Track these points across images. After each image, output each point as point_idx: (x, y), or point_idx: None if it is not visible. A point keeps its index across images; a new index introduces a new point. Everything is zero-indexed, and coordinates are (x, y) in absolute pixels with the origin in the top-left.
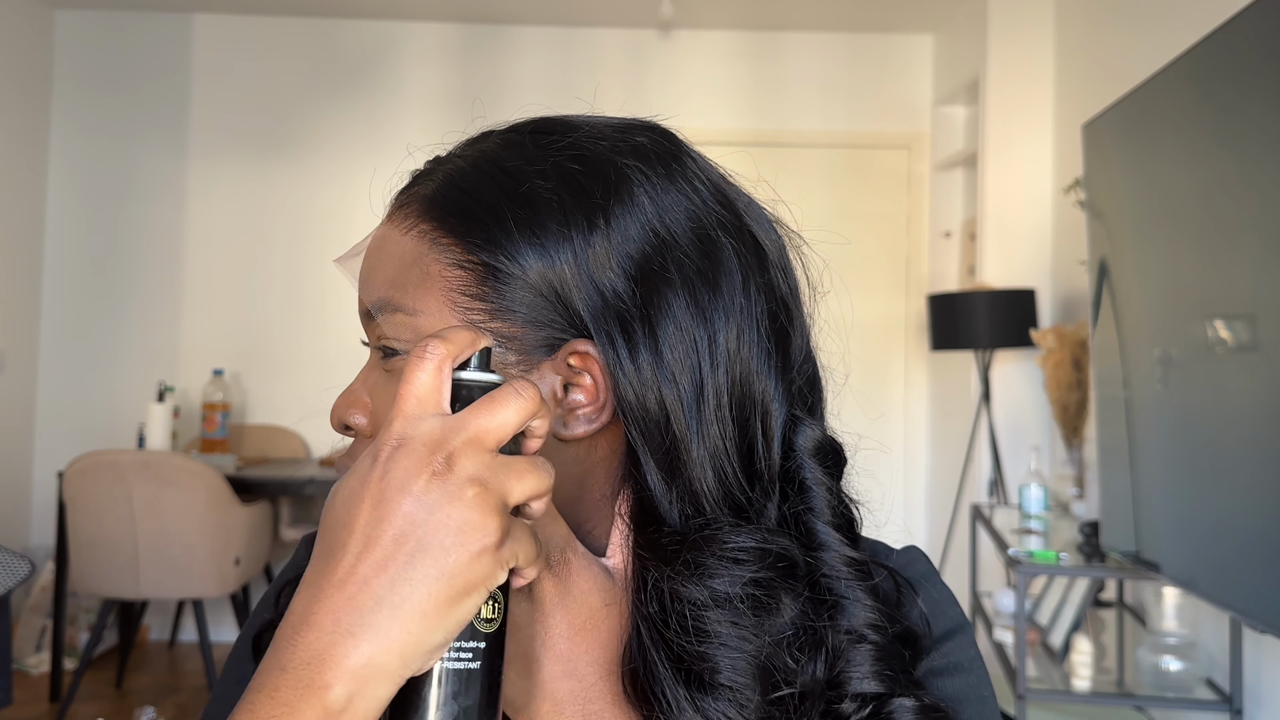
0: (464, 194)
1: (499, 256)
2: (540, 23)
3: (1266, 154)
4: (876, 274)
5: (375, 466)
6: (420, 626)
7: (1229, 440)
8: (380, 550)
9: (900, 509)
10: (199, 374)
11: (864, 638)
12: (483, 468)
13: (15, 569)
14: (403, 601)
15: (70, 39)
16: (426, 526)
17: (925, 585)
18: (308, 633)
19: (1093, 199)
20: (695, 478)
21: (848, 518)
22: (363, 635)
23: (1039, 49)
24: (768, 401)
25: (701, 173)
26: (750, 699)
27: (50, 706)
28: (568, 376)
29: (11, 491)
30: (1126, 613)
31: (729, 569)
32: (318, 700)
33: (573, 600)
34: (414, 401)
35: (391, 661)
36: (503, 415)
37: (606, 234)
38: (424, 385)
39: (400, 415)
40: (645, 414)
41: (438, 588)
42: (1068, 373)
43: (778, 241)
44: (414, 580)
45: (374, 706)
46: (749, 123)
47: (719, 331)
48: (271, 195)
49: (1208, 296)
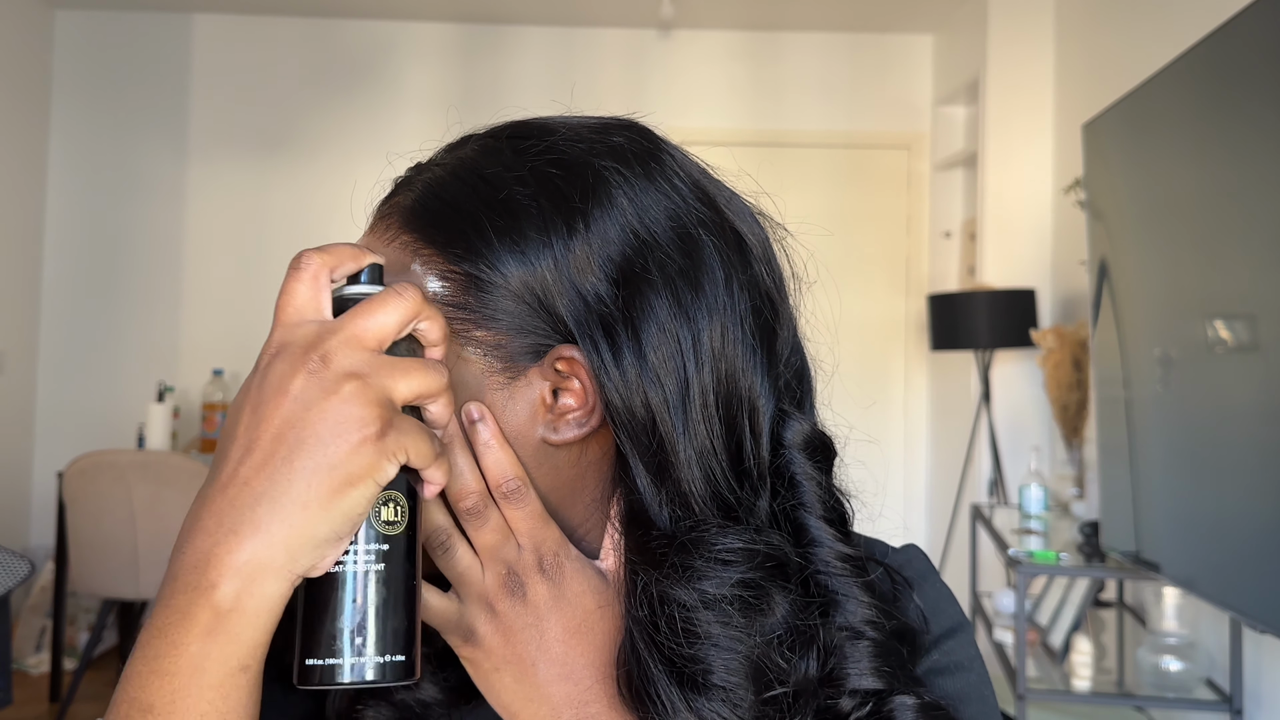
0: (443, 204)
1: (480, 266)
2: (540, 23)
3: (1266, 154)
4: (876, 274)
5: (255, 374)
6: (302, 518)
7: (1229, 440)
8: (260, 451)
9: (900, 509)
10: (199, 374)
11: (861, 634)
12: (360, 364)
13: (15, 569)
14: (281, 495)
15: (70, 39)
16: (304, 421)
17: (924, 584)
18: (194, 538)
19: (1093, 199)
20: (683, 478)
21: (839, 512)
22: (244, 532)
23: (1039, 49)
24: (754, 398)
25: (680, 169)
26: (744, 699)
27: (50, 706)
28: (556, 382)
29: (11, 491)
30: (1126, 613)
31: (717, 571)
32: (205, 601)
33: (567, 603)
34: (291, 310)
35: (277, 555)
36: (381, 316)
37: (586, 238)
38: (300, 295)
39: (278, 324)
40: (632, 416)
41: (317, 480)
42: (1068, 373)
43: (761, 235)
44: (293, 474)
45: (265, 605)
46: (749, 123)
47: (702, 330)
48: (271, 195)
49: (1208, 296)
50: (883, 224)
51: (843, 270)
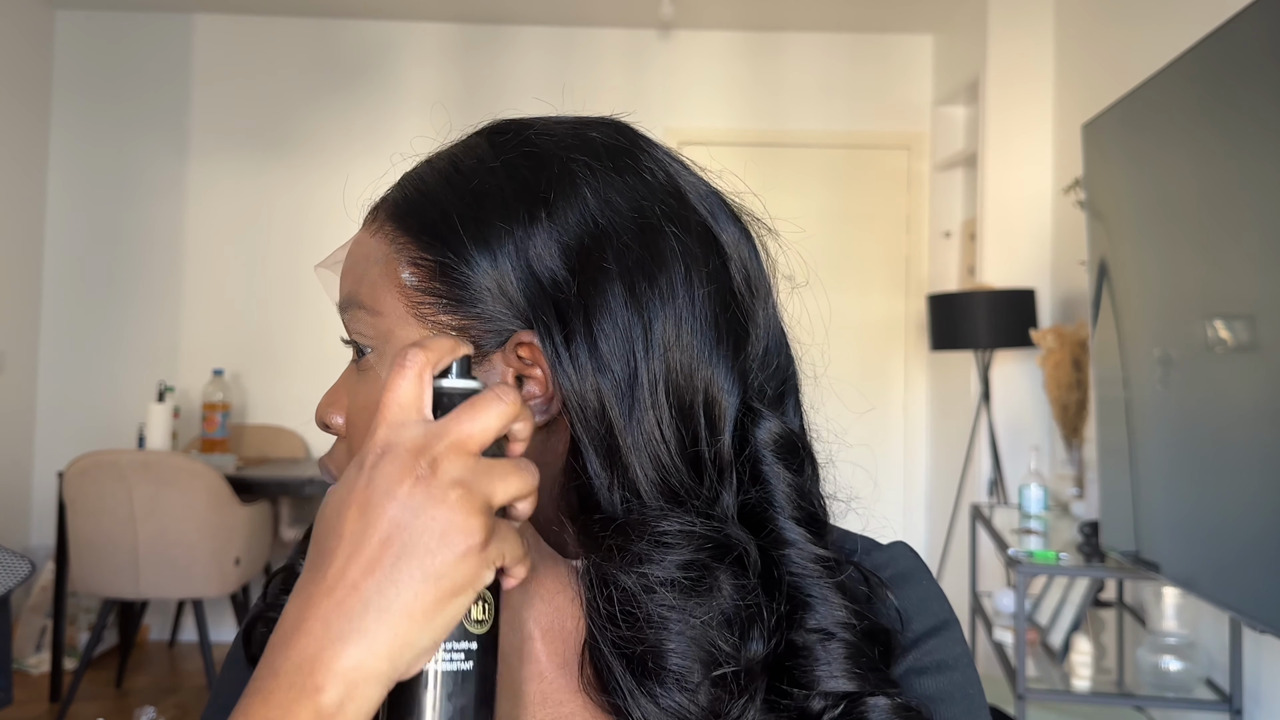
0: (420, 194)
1: (447, 253)
2: (540, 23)
3: (1267, 154)
4: (876, 274)
5: (361, 474)
6: (408, 628)
7: (1229, 440)
8: (367, 555)
9: (900, 509)
10: (199, 374)
11: (833, 635)
12: (465, 471)
13: (15, 569)
14: (389, 604)
15: (70, 39)
16: (411, 530)
17: (910, 581)
18: (299, 638)
19: (1093, 199)
20: (631, 464)
21: (810, 512)
22: (351, 639)
23: (1039, 49)
24: (713, 391)
25: (656, 165)
26: (694, 682)
27: (50, 706)
28: (519, 368)
29: (11, 491)
30: (1126, 613)
31: (660, 553)
32: (310, 703)
33: (539, 599)
34: (397, 409)
35: (380, 664)
36: (484, 420)
37: (547, 226)
38: (406, 393)
39: (384, 423)
40: (583, 402)
41: (424, 589)
42: (1068, 373)
43: (736, 233)
44: (400, 583)
45: (366, 708)
46: (749, 123)
47: (655, 321)
48: (271, 195)
49: (1208, 296)
50: (882, 224)
51: (842, 270)
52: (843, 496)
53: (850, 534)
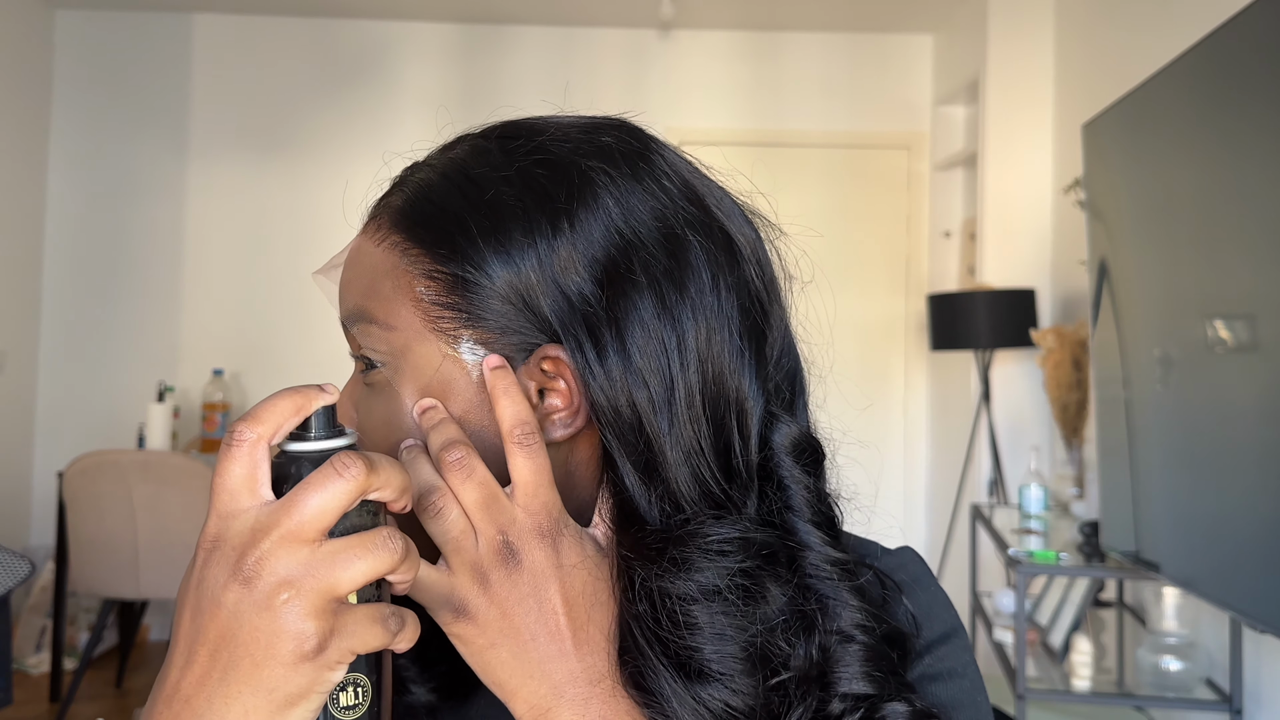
0: (431, 205)
1: (465, 266)
2: (540, 23)
3: (1267, 154)
4: (876, 274)
5: (193, 572)
6: None
7: (1229, 440)
8: (199, 666)
9: (900, 509)
10: (199, 374)
11: (851, 638)
12: (296, 567)
13: (15, 569)
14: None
15: (70, 39)
16: (237, 640)
17: (919, 588)
18: None
19: (1093, 199)
20: (671, 478)
21: (828, 516)
22: None
23: (1039, 49)
24: (743, 399)
25: (671, 169)
26: (743, 685)
27: (50, 706)
28: (542, 382)
29: (11, 491)
30: (1126, 613)
31: (714, 561)
32: None
33: (566, 572)
34: (226, 496)
35: None
36: (319, 500)
37: (571, 238)
38: (235, 477)
39: (213, 513)
40: (618, 416)
41: (255, 703)
42: (1068, 373)
43: (751, 235)
44: (230, 697)
45: None
46: (749, 123)
47: (687, 331)
48: (271, 195)
49: (1208, 296)
50: (882, 224)
51: (843, 270)
52: (844, 495)
53: (862, 539)
